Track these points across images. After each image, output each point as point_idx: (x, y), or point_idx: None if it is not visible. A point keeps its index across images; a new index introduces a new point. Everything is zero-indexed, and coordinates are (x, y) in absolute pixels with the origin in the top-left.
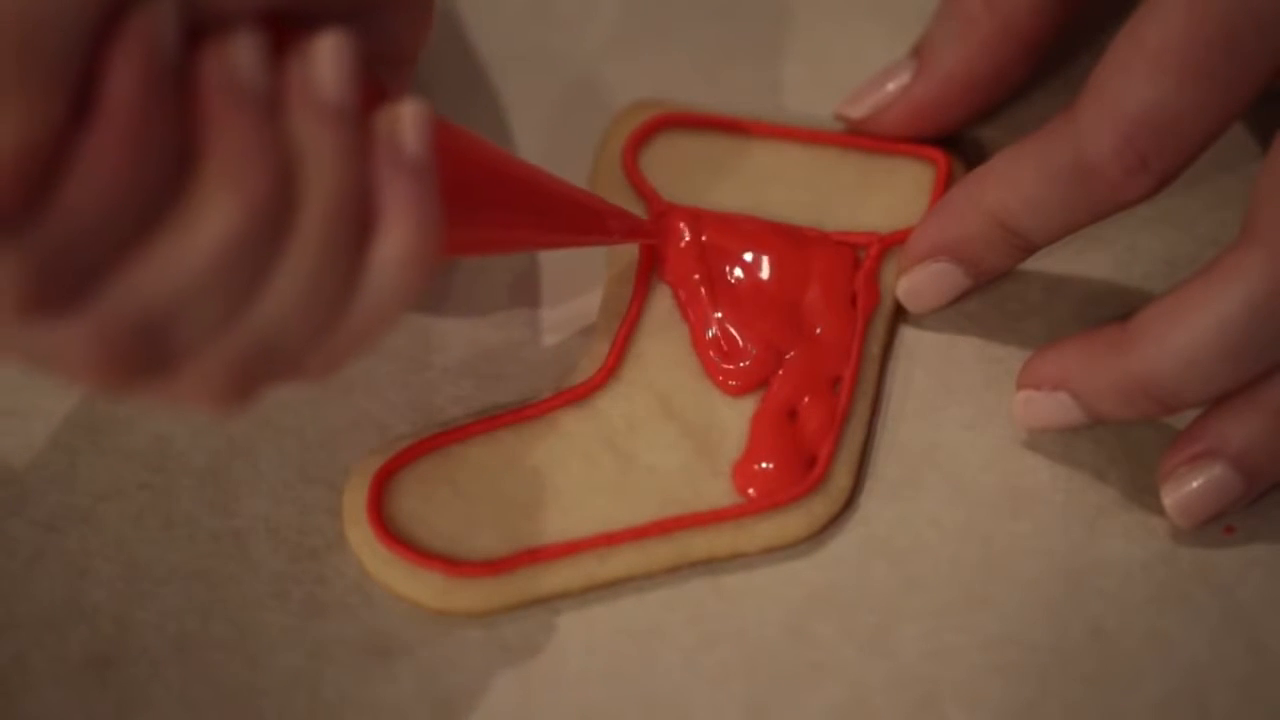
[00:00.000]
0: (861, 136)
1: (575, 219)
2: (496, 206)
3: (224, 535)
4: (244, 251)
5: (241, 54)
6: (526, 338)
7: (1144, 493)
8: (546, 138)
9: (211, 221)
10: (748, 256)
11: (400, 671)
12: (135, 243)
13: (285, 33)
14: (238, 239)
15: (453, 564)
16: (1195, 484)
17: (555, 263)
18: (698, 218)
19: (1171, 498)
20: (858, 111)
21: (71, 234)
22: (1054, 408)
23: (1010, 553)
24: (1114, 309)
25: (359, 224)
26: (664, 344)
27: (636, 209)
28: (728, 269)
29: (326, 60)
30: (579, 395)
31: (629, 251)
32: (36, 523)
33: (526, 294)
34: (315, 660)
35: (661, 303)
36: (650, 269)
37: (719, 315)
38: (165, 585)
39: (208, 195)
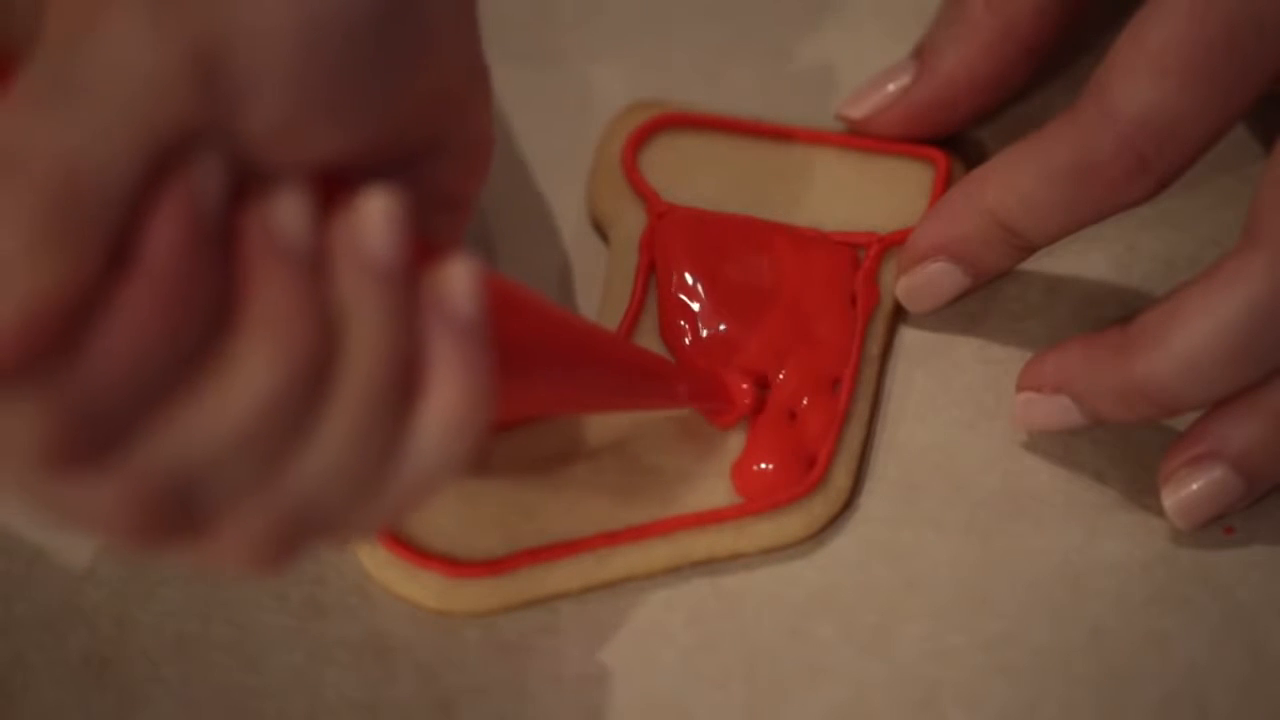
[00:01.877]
0: (861, 137)
1: (636, 381)
2: (552, 369)
3: None
4: (282, 412)
5: (287, 211)
6: None
7: (1144, 494)
8: (546, 138)
9: (249, 380)
10: (747, 257)
11: (400, 671)
12: (169, 399)
13: (334, 187)
14: (275, 399)
15: (452, 564)
16: (1195, 485)
17: (553, 260)
18: (697, 218)
19: (1171, 499)
20: (858, 112)
21: (100, 387)
22: (1054, 409)
23: (1010, 553)
24: (1114, 309)
25: (404, 387)
26: (663, 344)
27: (636, 209)
28: (727, 269)
29: (375, 221)
30: None
31: (628, 251)
32: (36, 523)
33: None
34: (315, 660)
35: None
36: (650, 269)
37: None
38: (165, 585)
39: (246, 354)
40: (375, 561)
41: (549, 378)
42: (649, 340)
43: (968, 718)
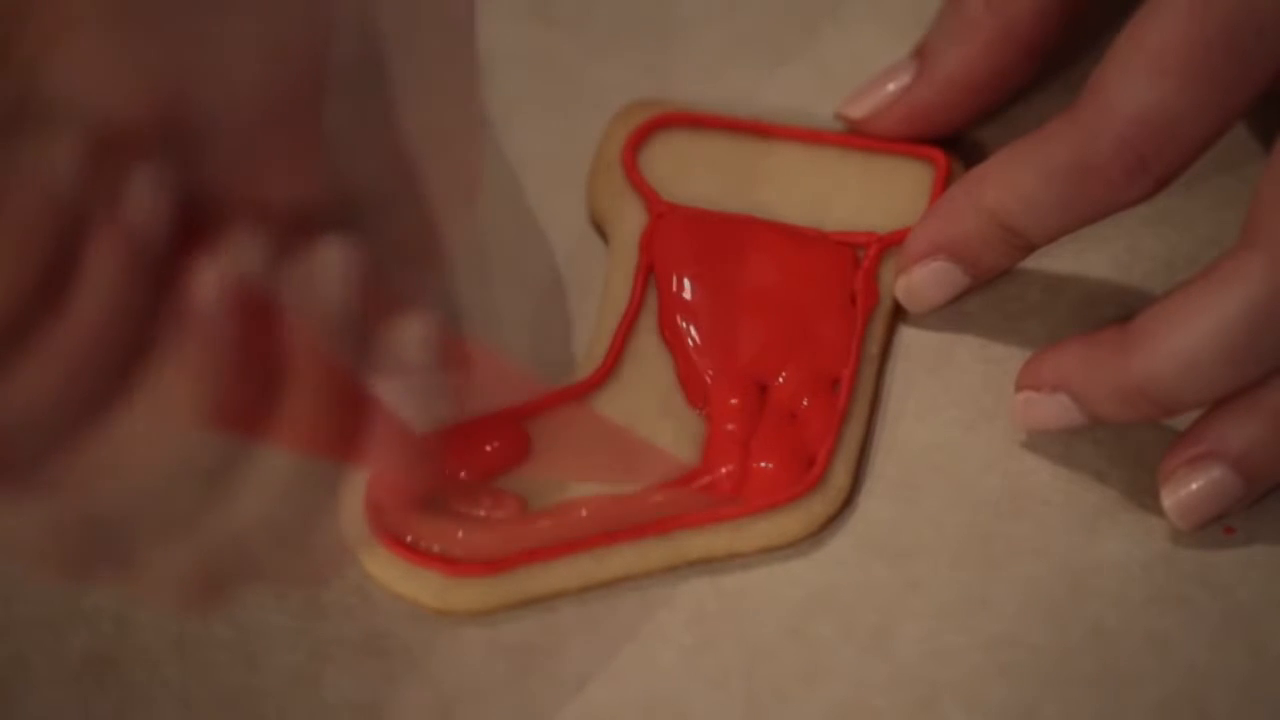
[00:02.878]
0: (861, 137)
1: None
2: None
3: None
4: (207, 454)
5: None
6: (525, 337)
7: (1144, 494)
8: (546, 137)
9: (175, 415)
10: (746, 256)
11: (400, 671)
12: (91, 429)
13: (294, 233)
14: (204, 433)
15: (451, 563)
16: (1195, 485)
17: (552, 260)
18: (697, 217)
19: (1171, 499)
20: (858, 111)
21: (19, 412)
22: (1054, 409)
23: (1010, 553)
24: (1114, 309)
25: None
26: (663, 343)
27: (636, 208)
28: (726, 269)
29: (329, 271)
30: (577, 394)
31: (628, 250)
32: None
33: (525, 293)
34: (315, 660)
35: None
36: (650, 268)
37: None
38: None
39: (166, 388)
40: (374, 560)
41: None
42: (648, 339)
43: (968, 718)
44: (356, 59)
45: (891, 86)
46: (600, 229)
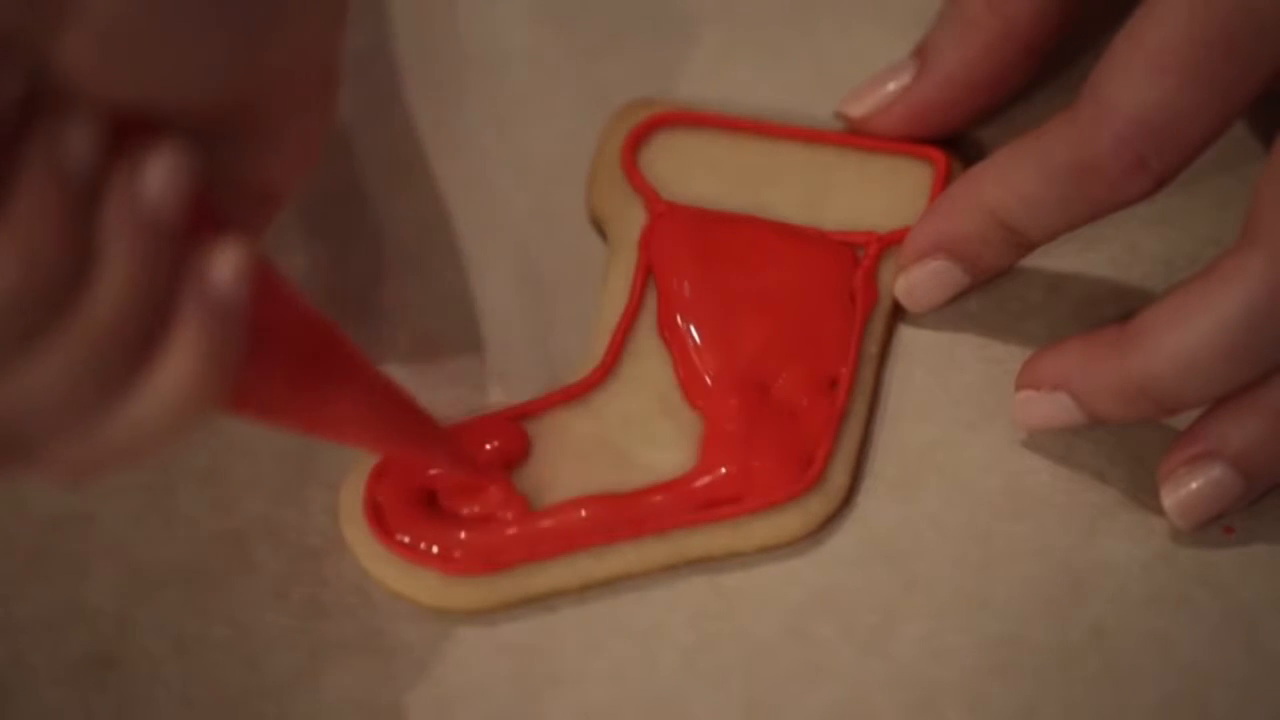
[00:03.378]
0: (861, 136)
1: (394, 426)
2: (307, 379)
3: (224, 535)
4: (13, 316)
5: (72, 132)
6: (524, 337)
7: (1144, 493)
8: (545, 137)
9: None
10: (746, 255)
11: (400, 671)
12: None
13: (134, 134)
14: (9, 299)
15: (449, 562)
16: (1195, 485)
17: (553, 261)
18: (696, 216)
19: (1171, 498)
20: (858, 110)
21: None
22: (1053, 408)
23: (1010, 553)
24: (1114, 309)
25: (142, 336)
26: (662, 342)
27: (635, 207)
28: (725, 268)
29: (157, 169)
30: (576, 393)
31: (627, 250)
32: (36, 523)
33: (524, 293)
34: (315, 660)
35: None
36: (649, 268)
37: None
38: (165, 585)
39: None
40: (372, 558)
41: (301, 385)
42: (647, 338)
43: (968, 718)
44: None
45: (891, 86)
46: (600, 228)
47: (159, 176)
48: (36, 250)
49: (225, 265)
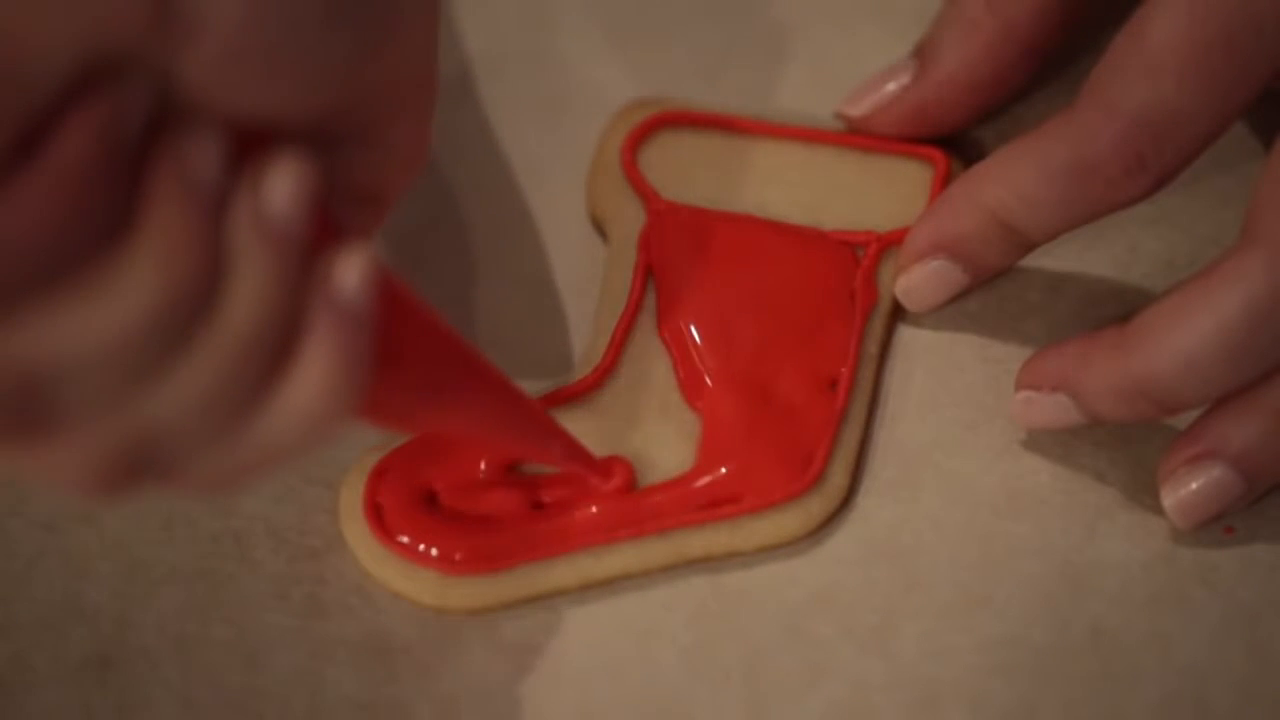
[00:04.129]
0: (860, 136)
1: (513, 423)
2: (430, 381)
3: (224, 535)
4: (154, 333)
5: (201, 149)
6: (524, 336)
7: (1144, 493)
8: (545, 136)
9: (130, 294)
10: (745, 255)
11: (400, 671)
12: (46, 296)
13: (253, 143)
14: (151, 317)
15: (449, 561)
16: (1195, 485)
17: (552, 260)
18: (696, 216)
19: (1171, 498)
20: (857, 110)
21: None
22: (1053, 408)
23: (1010, 553)
24: (1114, 309)
25: (278, 348)
26: (662, 342)
27: (635, 207)
28: (725, 268)
29: (281, 180)
30: (577, 393)
31: (627, 250)
32: (36, 523)
33: (525, 293)
34: (315, 660)
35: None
36: (649, 268)
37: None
38: (165, 585)
39: (131, 271)
40: (372, 558)
41: (423, 388)
42: (647, 339)
43: (968, 718)
44: None
45: (891, 86)
46: (600, 228)
47: (284, 187)
48: (173, 265)
49: (351, 271)
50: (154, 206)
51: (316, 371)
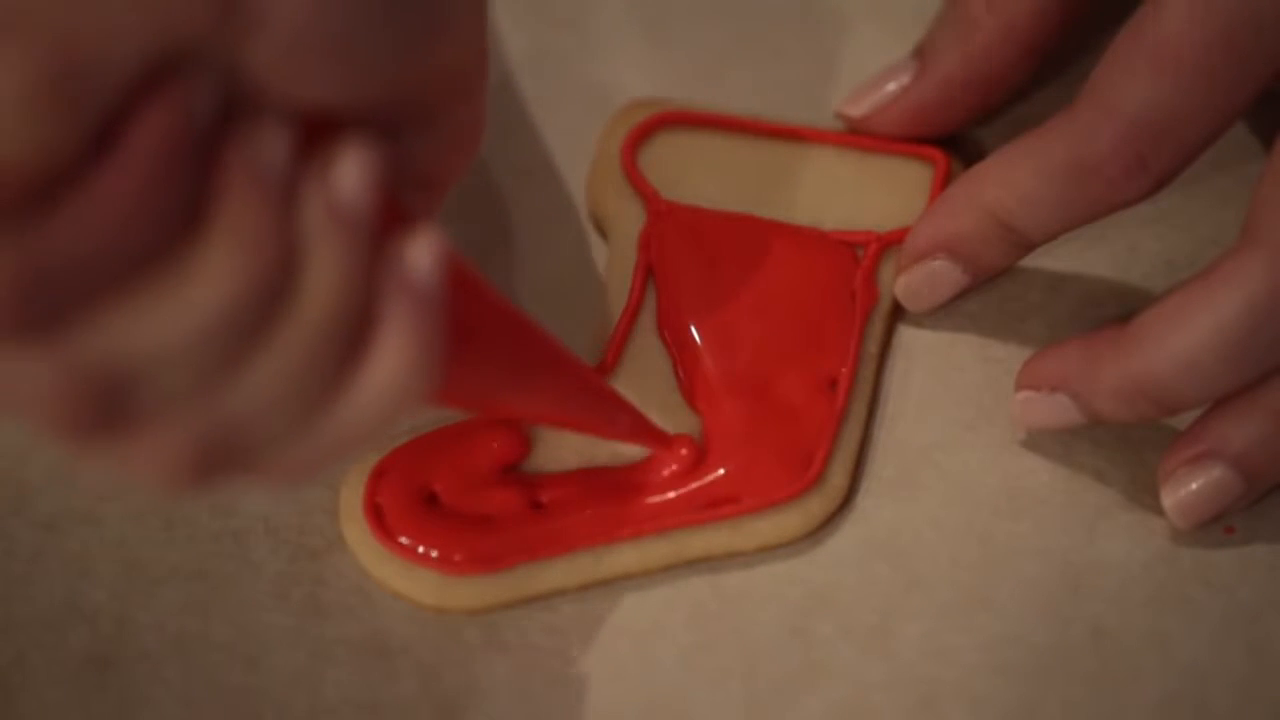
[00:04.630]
0: (861, 136)
1: (581, 396)
2: (499, 361)
3: (224, 535)
4: (231, 327)
5: (270, 138)
6: None
7: (1144, 493)
8: (545, 137)
9: (207, 287)
10: (745, 255)
11: (400, 671)
12: (125, 291)
13: (318, 133)
14: (227, 311)
15: (449, 561)
16: (1195, 485)
17: (552, 260)
18: (696, 216)
19: (1171, 499)
20: (858, 110)
21: (60, 259)
22: (1053, 408)
23: (1010, 553)
24: (1114, 309)
25: (354, 334)
26: (662, 342)
27: (635, 207)
28: (725, 268)
29: (350, 166)
30: None
31: (627, 250)
32: (36, 523)
33: (525, 291)
34: (315, 660)
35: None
36: (649, 267)
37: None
38: (165, 585)
39: (208, 264)
40: (372, 558)
41: (495, 369)
42: (647, 338)
43: (968, 718)
44: None
45: (891, 86)
46: (600, 227)
47: (352, 173)
48: (248, 256)
49: (422, 254)
50: (226, 198)
51: (393, 355)
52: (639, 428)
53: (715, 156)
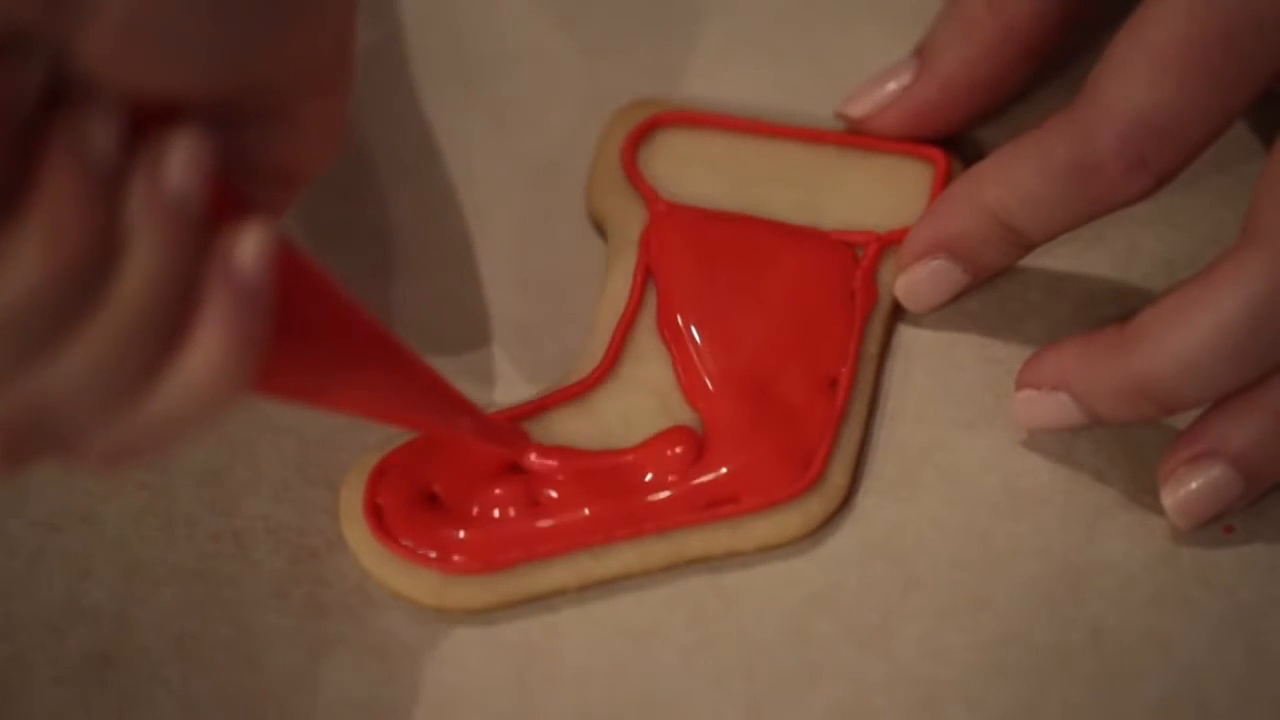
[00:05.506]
0: (860, 136)
1: (421, 398)
2: (330, 356)
3: (224, 535)
4: (41, 310)
5: (96, 125)
6: (524, 336)
7: (1144, 493)
8: (545, 136)
9: (17, 271)
10: (745, 255)
11: (400, 671)
12: None
13: (149, 120)
14: (39, 294)
15: (449, 561)
16: (1195, 485)
17: (552, 260)
18: (696, 216)
19: (1171, 498)
20: (858, 110)
21: None
22: (1053, 408)
23: (1010, 553)
24: (1114, 309)
25: (171, 323)
26: (662, 342)
27: (635, 207)
28: (725, 268)
29: (177, 155)
30: (576, 393)
31: (627, 249)
32: (36, 523)
33: (524, 293)
34: (315, 660)
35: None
36: (649, 267)
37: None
38: (165, 585)
39: (22, 245)
40: (372, 557)
41: (327, 364)
42: (647, 338)
43: (968, 718)
44: None
45: (891, 86)
46: (600, 228)
47: (180, 163)
48: (63, 241)
49: (248, 246)
50: (46, 182)
51: (210, 345)
52: (483, 429)
53: (715, 156)
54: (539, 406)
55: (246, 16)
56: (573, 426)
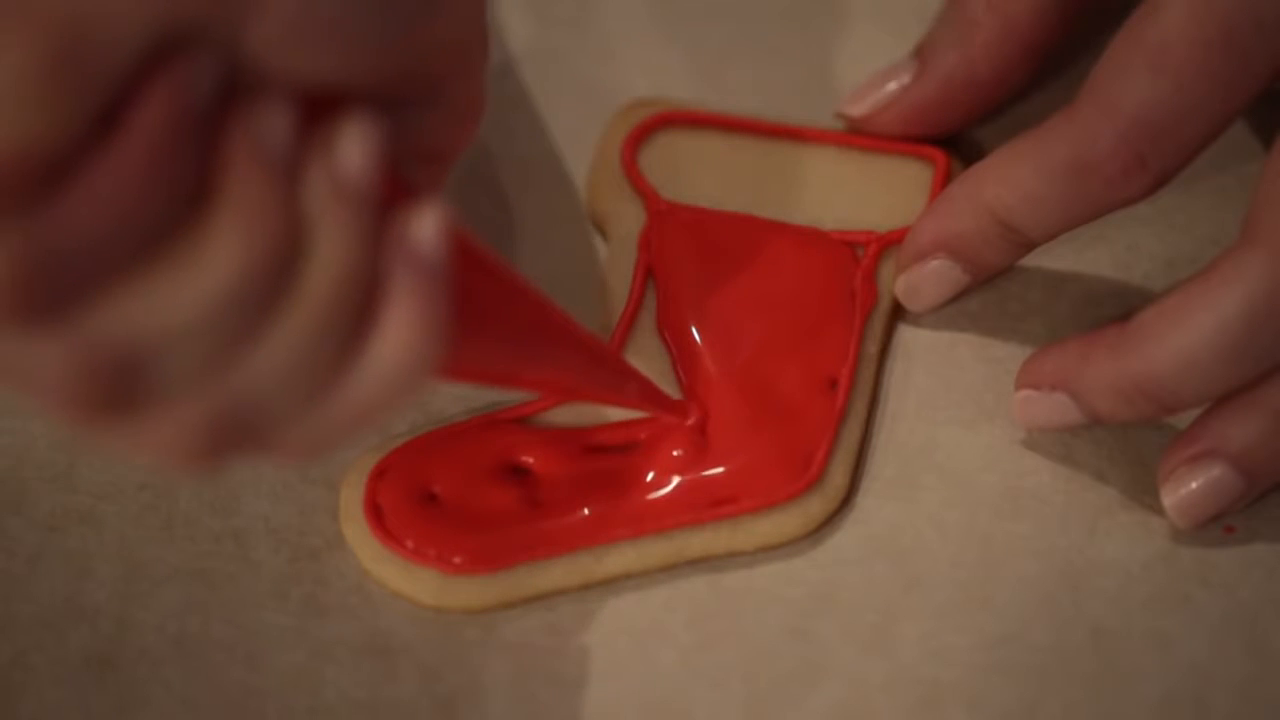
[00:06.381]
0: (861, 135)
1: (590, 367)
2: (508, 333)
3: (224, 535)
4: (240, 303)
5: (272, 116)
6: None
7: (1144, 493)
8: (545, 136)
9: (213, 265)
10: (745, 255)
11: (400, 671)
12: (133, 271)
13: (320, 109)
14: (236, 288)
15: (449, 561)
16: (1195, 484)
17: (552, 259)
18: (696, 216)
19: (1171, 498)
20: (858, 110)
21: (66, 242)
22: (1053, 407)
23: (1010, 553)
24: (1114, 309)
25: (361, 308)
26: (662, 342)
27: (635, 207)
28: (725, 268)
29: (352, 141)
30: None
31: (627, 249)
32: (36, 523)
33: None
34: (315, 660)
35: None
36: (649, 267)
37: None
38: (165, 585)
39: (214, 241)
40: (372, 557)
41: (504, 340)
42: (647, 338)
43: (968, 718)
44: None
45: (891, 85)
46: (600, 227)
47: (355, 149)
48: (255, 236)
49: (425, 226)
50: (231, 176)
51: (401, 328)
52: (648, 395)
53: (715, 156)
54: (539, 406)
55: (406, 4)
56: (572, 426)
